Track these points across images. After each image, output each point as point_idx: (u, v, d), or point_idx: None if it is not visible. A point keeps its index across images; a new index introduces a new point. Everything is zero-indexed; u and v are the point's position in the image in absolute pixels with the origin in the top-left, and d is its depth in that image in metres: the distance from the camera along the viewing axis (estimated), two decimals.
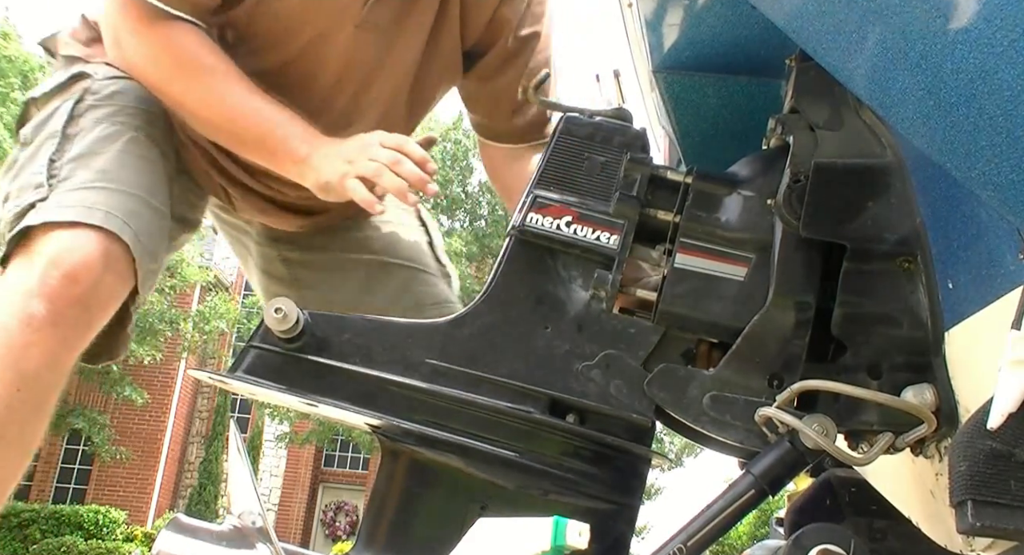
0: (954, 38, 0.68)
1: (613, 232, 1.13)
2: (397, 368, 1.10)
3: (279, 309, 1.07)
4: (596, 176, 1.17)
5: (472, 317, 1.14)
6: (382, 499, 1.11)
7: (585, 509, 1.06)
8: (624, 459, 1.09)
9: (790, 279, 1.05)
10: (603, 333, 1.11)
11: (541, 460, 1.08)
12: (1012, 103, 0.64)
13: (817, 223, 1.02)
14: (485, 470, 1.08)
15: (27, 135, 1.41)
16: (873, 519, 1.17)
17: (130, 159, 1.35)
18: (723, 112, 1.42)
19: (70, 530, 12.06)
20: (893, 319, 1.00)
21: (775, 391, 1.03)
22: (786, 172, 1.04)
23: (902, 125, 0.82)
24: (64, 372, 1.22)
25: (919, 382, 0.98)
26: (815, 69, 1.10)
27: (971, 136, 0.69)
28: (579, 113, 1.23)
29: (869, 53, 0.81)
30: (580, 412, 1.09)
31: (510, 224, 1.18)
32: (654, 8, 1.35)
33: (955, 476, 0.76)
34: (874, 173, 1.03)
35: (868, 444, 1.00)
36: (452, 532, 1.02)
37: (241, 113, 1.35)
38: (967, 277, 0.90)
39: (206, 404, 18.70)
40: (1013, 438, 0.73)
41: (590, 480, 1.08)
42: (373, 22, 1.46)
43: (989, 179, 0.69)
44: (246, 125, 1.36)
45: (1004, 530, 0.74)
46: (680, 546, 0.95)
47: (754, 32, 1.20)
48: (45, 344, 1.17)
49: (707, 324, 1.10)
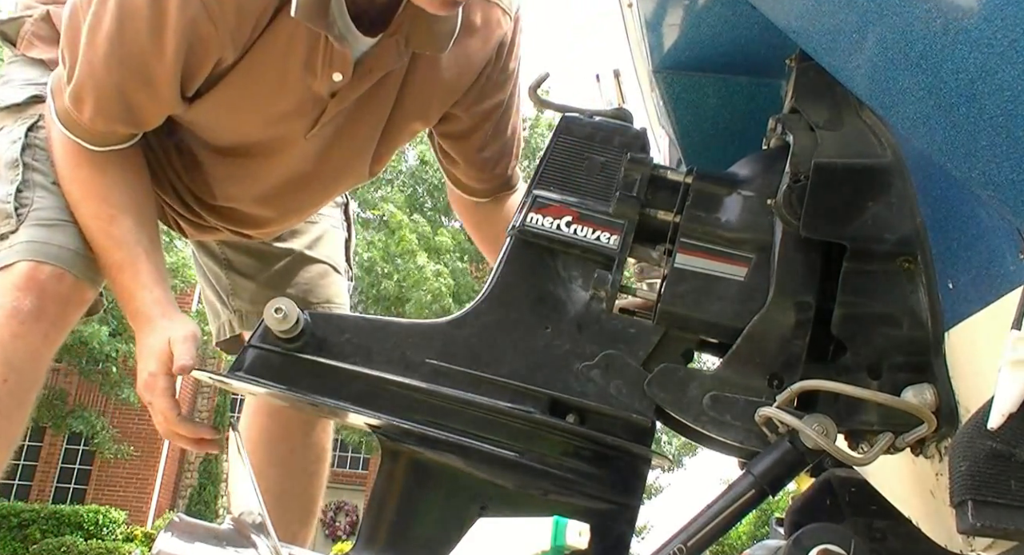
0: (954, 38, 0.68)
1: (613, 232, 1.13)
2: (397, 368, 1.10)
3: (279, 309, 1.07)
4: (596, 176, 1.17)
5: (472, 317, 1.14)
6: (382, 499, 1.11)
7: (585, 509, 1.06)
8: (624, 459, 1.09)
9: (790, 279, 1.05)
10: (603, 333, 1.11)
11: (541, 460, 1.08)
12: (1012, 103, 0.64)
13: (817, 223, 1.02)
14: (485, 470, 1.08)
15: None
16: (873, 519, 1.17)
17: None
18: (723, 112, 1.42)
19: (70, 530, 12.06)
20: (893, 319, 1.00)
21: (775, 391, 1.03)
22: (786, 172, 1.04)
23: (902, 125, 0.82)
24: (43, 369, 1.29)
25: (919, 382, 0.98)
26: (815, 69, 1.10)
27: (971, 136, 0.69)
28: (579, 113, 1.23)
29: (869, 53, 0.81)
30: (580, 412, 1.09)
31: (510, 224, 1.18)
32: (654, 8, 1.34)
33: (955, 476, 0.75)
34: (874, 173, 1.03)
35: (868, 444, 1.00)
36: (452, 532, 1.02)
37: (116, 260, 1.37)
38: (967, 277, 0.90)
39: (206, 404, 18.69)
40: (1013, 438, 0.73)
41: (590, 480, 1.08)
42: (322, 133, 1.48)
43: (989, 179, 0.69)
44: (119, 275, 1.37)
45: (1004, 530, 0.73)
46: (680, 546, 0.95)
47: (754, 32, 1.20)
48: (30, 337, 1.22)
49: (707, 324, 1.10)
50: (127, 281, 1.34)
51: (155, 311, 1.32)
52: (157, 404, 1.30)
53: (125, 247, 1.34)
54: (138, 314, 1.33)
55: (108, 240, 1.34)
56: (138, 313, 1.33)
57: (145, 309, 1.32)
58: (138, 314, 1.33)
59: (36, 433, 15.97)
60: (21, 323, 1.23)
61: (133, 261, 1.34)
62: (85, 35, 1.30)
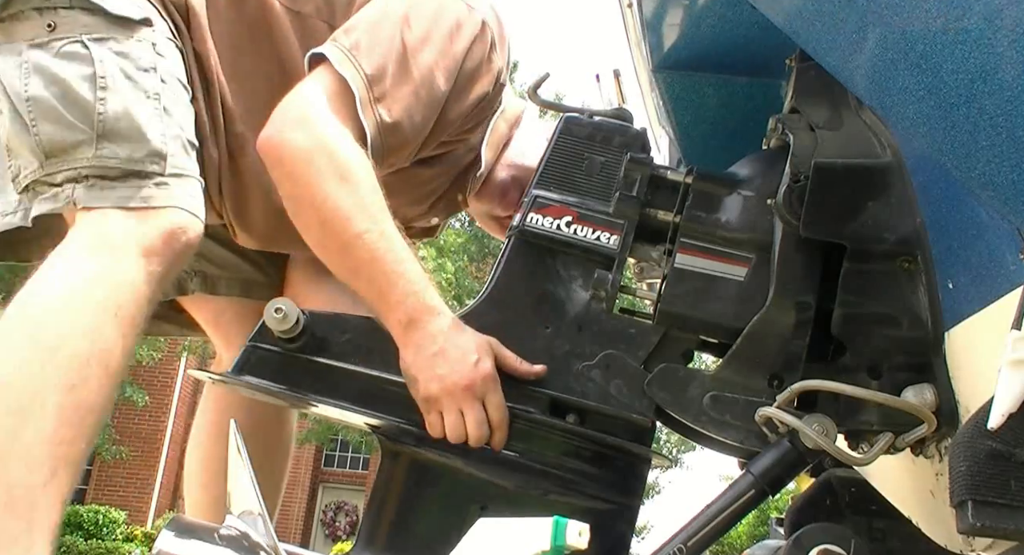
0: (954, 38, 0.68)
1: (613, 232, 1.13)
2: (397, 368, 1.10)
3: (279, 309, 1.07)
4: (596, 176, 1.17)
5: (472, 317, 1.14)
6: (382, 499, 1.11)
7: (585, 509, 1.06)
8: (624, 459, 1.09)
9: (790, 279, 1.05)
10: (603, 333, 1.11)
11: (541, 460, 1.08)
12: (1012, 103, 0.64)
13: (817, 223, 1.02)
14: (485, 470, 1.08)
15: (105, 55, 1.19)
16: (873, 519, 1.17)
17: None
18: (723, 112, 1.42)
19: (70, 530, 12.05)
20: (893, 319, 1.00)
21: (775, 391, 1.03)
22: (786, 172, 1.04)
23: (902, 125, 0.82)
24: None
25: (919, 382, 0.98)
26: (815, 69, 1.10)
27: (971, 136, 0.69)
28: (579, 113, 1.23)
29: (869, 53, 0.81)
30: (580, 412, 1.09)
31: (511, 224, 1.18)
32: (654, 8, 1.35)
33: (955, 476, 0.75)
34: (874, 173, 1.03)
35: (868, 444, 1.00)
36: (452, 532, 1.02)
37: (399, 255, 1.16)
38: (967, 277, 0.90)
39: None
40: (1013, 438, 0.73)
41: (590, 480, 1.08)
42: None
43: (989, 179, 0.69)
44: (400, 266, 1.16)
45: (1004, 530, 0.74)
46: (680, 546, 0.95)
47: (754, 32, 1.20)
48: (154, 294, 1.15)
49: (707, 324, 1.10)
50: (415, 271, 1.14)
51: (446, 309, 1.16)
52: (493, 398, 1.09)
53: (398, 239, 1.17)
54: (424, 308, 1.12)
55: (383, 240, 1.15)
56: (424, 308, 1.12)
57: (437, 304, 1.14)
58: (424, 308, 1.12)
59: None
60: (149, 285, 1.12)
61: (410, 253, 1.18)
62: (420, 71, 1.25)
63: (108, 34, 1.20)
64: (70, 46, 1.17)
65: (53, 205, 1.14)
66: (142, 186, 1.15)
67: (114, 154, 1.14)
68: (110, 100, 1.15)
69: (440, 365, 1.08)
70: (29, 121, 1.14)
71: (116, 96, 1.16)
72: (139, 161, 1.15)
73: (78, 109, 1.14)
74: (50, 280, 1.08)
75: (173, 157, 1.18)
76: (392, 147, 1.26)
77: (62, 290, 1.07)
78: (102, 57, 1.17)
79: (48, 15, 1.18)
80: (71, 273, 1.08)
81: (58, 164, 1.14)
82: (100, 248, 1.10)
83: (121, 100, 1.16)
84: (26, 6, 1.18)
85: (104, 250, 1.10)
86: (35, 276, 1.09)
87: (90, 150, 1.14)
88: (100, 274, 1.08)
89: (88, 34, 1.18)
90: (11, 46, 1.17)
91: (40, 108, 1.14)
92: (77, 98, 1.14)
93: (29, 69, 1.15)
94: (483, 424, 1.08)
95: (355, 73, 1.21)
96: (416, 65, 1.25)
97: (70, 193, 1.13)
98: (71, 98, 1.14)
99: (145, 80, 1.20)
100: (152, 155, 1.16)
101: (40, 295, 1.08)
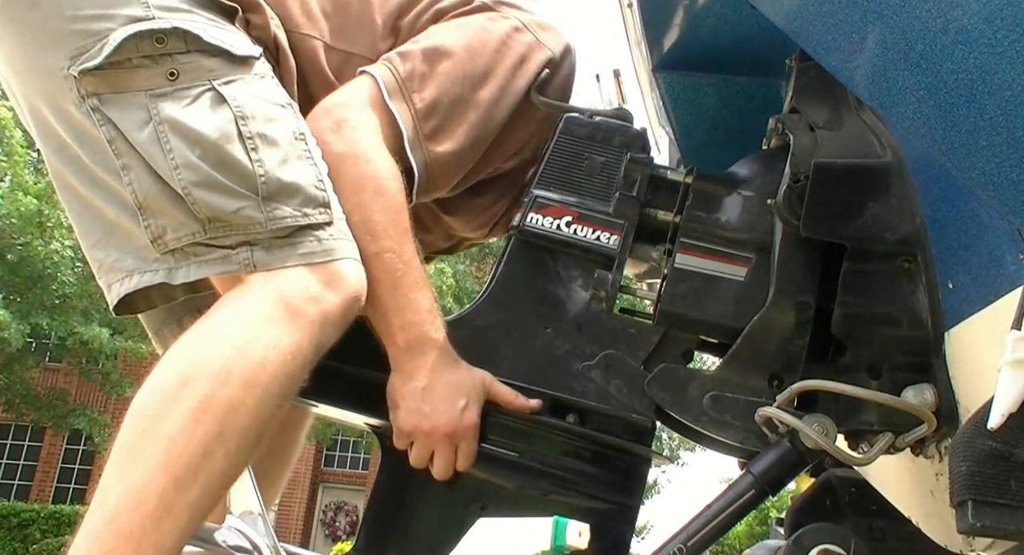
0: (954, 38, 0.68)
1: (613, 232, 1.13)
2: None
3: None
4: (596, 176, 1.17)
5: (472, 317, 1.14)
6: (382, 499, 1.11)
7: (585, 509, 1.06)
8: (624, 459, 1.09)
9: (790, 279, 1.05)
10: (603, 333, 1.11)
11: (541, 460, 1.08)
12: (1012, 103, 0.64)
13: (817, 223, 1.02)
14: (485, 470, 1.08)
15: (243, 100, 1.08)
16: (873, 519, 1.17)
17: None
18: (723, 112, 1.43)
19: (70, 530, 12.06)
20: (893, 319, 1.00)
21: (775, 391, 1.03)
22: (786, 172, 1.04)
23: (902, 125, 0.82)
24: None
25: (919, 382, 0.98)
26: (815, 69, 1.10)
27: (971, 136, 0.69)
28: (579, 113, 1.23)
29: (869, 53, 0.81)
30: (580, 412, 1.09)
31: (511, 224, 1.18)
32: (654, 8, 1.35)
33: (955, 476, 0.76)
34: (874, 173, 1.03)
35: (868, 444, 1.00)
36: (452, 532, 1.02)
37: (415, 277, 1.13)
38: (967, 277, 0.90)
39: None
40: (1013, 438, 0.73)
41: (590, 480, 1.08)
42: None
43: (989, 179, 0.69)
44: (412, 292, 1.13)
45: (1004, 530, 0.74)
46: (680, 546, 0.95)
47: (754, 32, 1.20)
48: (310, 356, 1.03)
49: (707, 324, 1.10)
50: (425, 300, 1.12)
51: (448, 343, 1.12)
52: (467, 447, 1.08)
53: (416, 263, 1.14)
54: (425, 339, 1.10)
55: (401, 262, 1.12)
56: (425, 338, 1.10)
57: (439, 336, 1.11)
58: (425, 339, 1.10)
59: (36, 433, 15.97)
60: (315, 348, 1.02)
61: (424, 280, 1.14)
62: (477, 110, 1.22)
63: (235, 75, 1.08)
64: (202, 94, 1.05)
65: (226, 267, 1.03)
66: (318, 238, 1.05)
67: (285, 213, 1.04)
68: (266, 158, 1.04)
69: (426, 402, 1.07)
70: (181, 189, 1.01)
71: (271, 151, 1.05)
72: (309, 215, 1.05)
73: (236, 175, 1.02)
74: (225, 350, 0.97)
75: (334, 202, 1.09)
76: (437, 180, 1.22)
77: (241, 365, 0.97)
78: (239, 103, 1.06)
79: (165, 63, 1.05)
80: (251, 345, 0.98)
81: (224, 228, 1.02)
82: (279, 314, 1.00)
83: (277, 154, 1.05)
84: (135, 54, 1.04)
85: (285, 317, 1.00)
86: (201, 340, 0.99)
87: (259, 213, 1.03)
88: (277, 345, 0.98)
89: (215, 79, 1.06)
90: (127, 97, 1.03)
91: (192, 176, 1.01)
92: (232, 162, 1.02)
93: (165, 128, 1.02)
94: (449, 469, 1.08)
95: (406, 110, 1.17)
96: (474, 104, 1.21)
97: (248, 256, 1.03)
98: (227, 163, 1.02)
99: (287, 118, 1.10)
100: (319, 206, 1.07)
101: (214, 361, 0.97)
